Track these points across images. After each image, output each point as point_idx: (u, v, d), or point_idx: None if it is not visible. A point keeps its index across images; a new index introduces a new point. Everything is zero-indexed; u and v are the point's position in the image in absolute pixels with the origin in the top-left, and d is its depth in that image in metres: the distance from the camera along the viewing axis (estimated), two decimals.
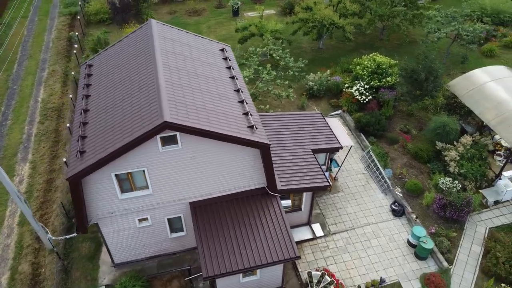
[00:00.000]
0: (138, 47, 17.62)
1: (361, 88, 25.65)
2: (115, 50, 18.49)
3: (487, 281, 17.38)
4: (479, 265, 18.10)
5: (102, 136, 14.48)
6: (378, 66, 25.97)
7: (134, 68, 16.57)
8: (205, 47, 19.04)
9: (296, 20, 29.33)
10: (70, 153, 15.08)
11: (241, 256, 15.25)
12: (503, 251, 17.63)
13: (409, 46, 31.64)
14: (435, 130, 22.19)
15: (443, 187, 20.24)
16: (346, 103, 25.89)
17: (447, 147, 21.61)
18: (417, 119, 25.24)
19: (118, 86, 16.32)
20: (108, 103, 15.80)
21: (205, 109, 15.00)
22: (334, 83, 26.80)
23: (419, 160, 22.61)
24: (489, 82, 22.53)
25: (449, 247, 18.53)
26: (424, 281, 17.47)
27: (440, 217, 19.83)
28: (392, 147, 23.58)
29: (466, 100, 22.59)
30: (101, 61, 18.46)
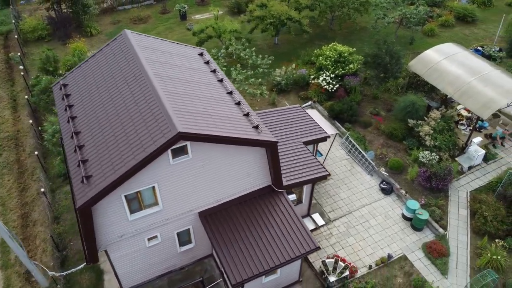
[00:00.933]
0: (119, 60, 16.74)
1: (327, 77, 26.48)
2: (91, 66, 17.39)
3: (480, 240, 18.91)
4: (470, 226, 19.62)
5: (107, 157, 13.62)
6: (340, 55, 26.96)
7: (122, 82, 15.73)
8: (185, 53, 18.55)
9: (252, 18, 29.51)
10: (73, 179, 13.93)
11: (264, 257, 15.18)
12: (489, 210, 19.27)
13: (359, 33, 33.21)
14: (405, 108, 23.56)
15: (424, 160, 21.62)
16: (315, 94, 26.58)
17: (419, 123, 23.06)
18: (382, 101, 26.61)
19: (107, 102, 15.39)
20: (102, 121, 14.87)
21: (209, 115, 14.68)
22: (300, 76, 27.39)
23: (394, 139, 23.89)
24: (444, 59, 24.35)
25: (441, 214, 19.88)
26: (426, 250, 18.59)
27: (425, 188, 21.15)
28: (367, 130, 24.67)
29: (427, 77, 24.25)
30: (77, 80, 17.27)
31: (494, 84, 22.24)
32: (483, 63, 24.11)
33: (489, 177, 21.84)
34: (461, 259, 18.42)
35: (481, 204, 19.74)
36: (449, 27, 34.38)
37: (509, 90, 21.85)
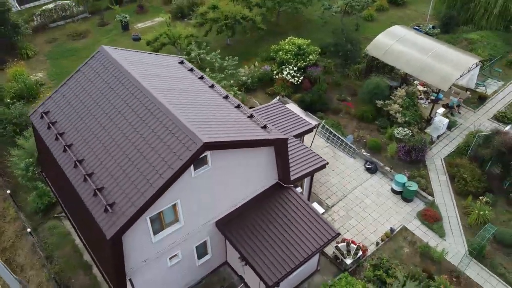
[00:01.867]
0: (106, 78, 15.79)
1: (291, 71, 27.13)
2: (73, 89, 16.18)
3: (464, 200, 20.77)
4: (452, 189, 21.42)
5: (126, 180, 12.88)
6: (299, 48, 27.73)
7: (119, 101, 14.89)
8: (168, 64, 17.98)
9: (205, 21, 29.24)
10: (93, 213, 12.95)
11: (291, 253, 15.39)
12: (467, 172, 21.19)
13: (307, 25, 34.33)
14: (372, 91, 24.96)
15: (400, 136, 23.14)
16: (282, 89, 27.09)
17: (387, 103, 24.58)
18: (345, 87, 27.86)
19: (108, 125, 14.49)
20: (108, 145, 13.99)
21: (220, 122, 14.50)
22: (264, 73, 27.72)
23: (366, 121, 25.21)
24: (396, 41, 26.12)
25: (426, 183, 21.47)
26: (422, 217, 20.01)
27: (405, 162, 22.65)
28: (339, 117, 25.75)
29: (386, 59, 25.89)
30: (60, 105, 15.98)
31: (446, 58, 24.37)
32: (430, 40, 26.28)
33: (456, 143, 23.96)
34: (452, 220, 20.09)
35: (458, 168, 21.63)
36: (384, 11, 36.79)
37: (459, 63, 24.07)
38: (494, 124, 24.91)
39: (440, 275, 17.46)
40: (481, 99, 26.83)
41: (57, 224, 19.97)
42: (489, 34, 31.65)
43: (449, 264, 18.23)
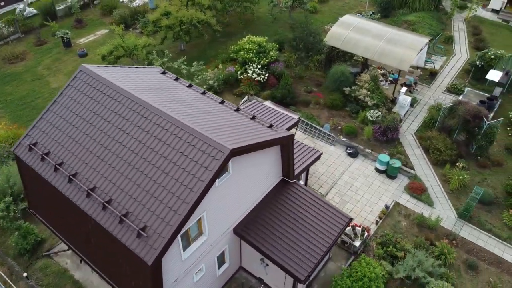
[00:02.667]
0: (96, 97, 14.82)
1: (256, 69, 27.33)
2: (60, 114, 14.97)
3: (442, 169, 22.45)
4: (429, 161, 23.04)
5: (153, 201, 12.28)
6: (259, 46, 28.01)
7: (117, 118, 14.07)
8: (153, 75, 17.29)
9: (159, 29, 28.42)
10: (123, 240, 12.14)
11: (313, 245, 15.65)
12: (439, 143, 22.91)
13: (257, 23, 34.67)
14: (338, 79, 25.96)
15: (372, 119, 24.37)
16: (249, 88, 27.20)
17: (354, 88, 25.73)
18: (308, 79, 28.66)
19: (112, 144, 13.66)
20: (119, 167, 13.19)
21: (230, 127, 14.32)
22: (230, 74, 27.61)
23: (336, 108, 26.18)
24: (351, 29, 27.37)
25: (405, 159, 22.88)
26: (410, 191, 21.33)
27: (382, 142, 23.92)
28: (310, 108, 26.45)
29: (345, 48, 27.05)
30: (49, 133, 14.72)
31: (400, 41, 26.04)
32: (381, 26, 27.91)
33: (421, 118, 25.78)
34: (436, 188, 21.65)
35: (430, 140, 23.31)
36: (325, 2, 38.26)
37: (412, 44, 25.83)
38: (448, 96, 27.18)
39: (440, 241, 18.81)
40: (432, 74, 29.05)
41: (48, 262, 18.38)
42: (423, 15, 34.27)
43: (444, 229, 19.67)
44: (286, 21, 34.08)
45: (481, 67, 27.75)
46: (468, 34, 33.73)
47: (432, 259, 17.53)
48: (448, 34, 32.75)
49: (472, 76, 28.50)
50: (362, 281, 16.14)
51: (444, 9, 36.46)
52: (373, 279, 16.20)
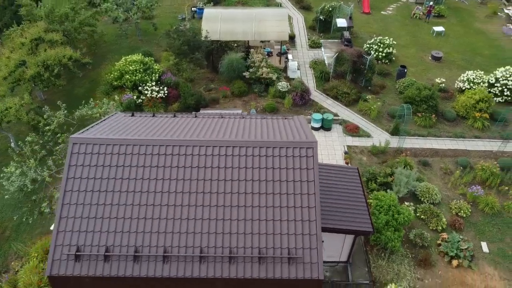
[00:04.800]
0: (115, 163, 12.32)
1: (153, 87, 25.72)
2: (78, 202, 11.85)
3: (356, 106, 26.61)
4: (343, 104, 26.82)
5: (270, 226, 11.63)
6: (143, 63, 26.26)
7: (163, 171, 12.23)
8: (137, 120, 15.01)
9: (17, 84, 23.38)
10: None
11: (354, 201, 17.23)
12: (344, 87, 26.87)
13: (107, 43, 31.63)
14: (235, 67, 26.85)
15: (284, 89, 26.56)
16: (155, 108, 25.51)
17: (253, 71, 27.19)
18: (200, 79, 28.56)
19: (172, 199, 11.94)
20: (206, 215, 11.76)
21: (277, 131, 14.24)
22: (129, 101, 25.10)
23: (244, 94, 27.24)
24: (221, 21, 28.16)
25: (326, 111, 26.13)
26: (349, 132, 24.74)
27: (301, 106, 26.48)
28: (222, 103, 26.75)
29: (225, 38, 27.94)
30: (84, 229, 11.59)
31: (267, 17, 28.53)
32: (240, 10, 29.80)
33: (310, 76, 29.32)
34: (363, 122, 25.70)
35: (336, 88, 27.08)
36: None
37: (279, 16, 28.69)
38: (313, 51, 31.56)
39: (399, 156, 22.96)
40: (291, 38, 32.83)
41: None
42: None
43: (391, 148, 23.88)
44: (135, 35, 32.36)
45: (324, 20, 32.95)
46: None
47: (409, 170, 21.44)
48: (278, 2, 37.06)
49: (319, 30, 33.56)
50: (390, 210, 18.67)
51: None
52: (395, 205, 18.94)
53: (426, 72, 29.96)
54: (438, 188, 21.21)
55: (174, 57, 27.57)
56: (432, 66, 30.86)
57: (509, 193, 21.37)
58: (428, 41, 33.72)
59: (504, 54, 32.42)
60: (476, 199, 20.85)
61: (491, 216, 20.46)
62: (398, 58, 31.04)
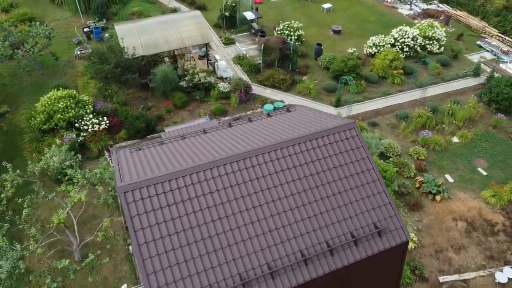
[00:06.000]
0: (173, 196, 11.38)
1: (92, 120, 23.29)
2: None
3: (295, 90, 28.01)
4: (282, 90, 27.95)
5: (354, 206, 12.22)
6: (71, 97, 23.52)
7: (231, 190, 11.77)
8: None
9: None
10: None
11: None
12: (279, 75, 27.97)
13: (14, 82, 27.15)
14: (170, 80, 25.73)
15: (226, 90, 26.55)
16: (102, 142, 23.15)
17: (187, 79, 26.45)
18: (132, 101, 26.64)
19: (248, 215, 11.68)
20: (285, 217, 11.75)
21: (309, 122, 14.58)
22: (73, 142, 22.20)
23: (186, 104, 26.35)
24: (138, 34, 26.44)
25: (273, 101, 27.01)
26: None
27: (246, 101, 26.80)
28: (167, 117, 25.54)
29: (150, 51, 26.43)
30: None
31: (183, 22, 27.82)
32: (153, 20, 28.51)
33: (239, 71, 29.69)
34: (306, 103, 27.25)
35: (271, 77, 28.00)
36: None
37: (195, 18, 28.22)
38: (229, 47, 31.94)
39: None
40: None
41: None
42: (140, 3, 35.87)
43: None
44: (35, 70, 28.41)
45: (229, 16, 33.42)
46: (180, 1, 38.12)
47: (371, 133, 23.70)
48: (172, 8, 36.08)
49: (226, 26, 33.93)
50: None
51: None
52: (379, 164, 20.89)
53: (334, 46, 32.83)
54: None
55: (99, 82, 25.23)
56: (336, 39, 33.94)
57: (445, 129, 25.26)
58: (322, 18, 36.82)
59: (385, 17, 37.29)
60: (426, 141, 24.16)
61: (441, 152, 24.01)
62: (306, 39, 33.30)
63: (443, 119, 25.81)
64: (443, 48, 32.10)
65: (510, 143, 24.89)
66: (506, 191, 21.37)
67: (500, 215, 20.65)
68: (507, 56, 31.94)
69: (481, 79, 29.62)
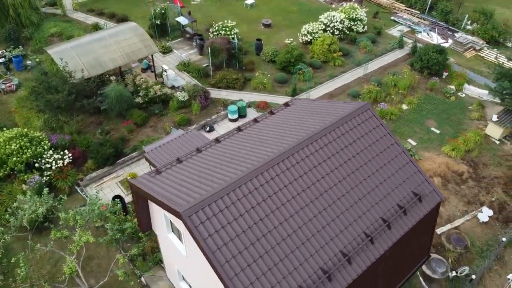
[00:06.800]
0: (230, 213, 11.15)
1: (53, 156, 21.12)
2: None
3: (250, 87, 28.25)
4: (237, 89, 28.00)
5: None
6: (24, 135, 21.03)
7: (288, 191, 11.86)
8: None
9: None
10: None
11: None
12: (231, 74, 27.92)
13: None
14: (122, 98, 24.24)
15: (183, 98, 25.83)
16: (71, 178, 21.14)
17: (144, 94, 25.23)
18: (84, 127, 24.62)
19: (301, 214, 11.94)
20: (335, 207, 12.23)
21: (323, 110, 14.99)
22: (39, 185, 19.91)
23: (146, 120, 25.05)
24: (77, 54, 24.47)
25: (228, 102, 26.95)
26: (261, 109, 26.46)
27: (206, 107, 26.38)
28: (131, 138, 24.14)
29: (94, 72, 24.58)
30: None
31: (122, 35, 26.48)
32: (90, 36, 26.72)
33: (187, 77, 28.98)
34: (264, 97, 27.69)
35: (225, 79, 27.87)
36: None
37: (134, 29, 26.93)
38: (169, 55, 31.02)
39: None
40: None
41: None
42: (57, 24, 32.98)
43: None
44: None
45: (160, 24, 32.35)
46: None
47: None
48: (93, 24, 33.72)
49: (159, 35, 32.78)
50: None
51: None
52: None
53: (269, 39, 33.60)
54: None
55: (44, 114, 22.93)
56: (268, 32, 34.80)
57: (394, 99, 27.63)
58: (248, 14, 37.40)
59: (305, 6, 39.13)
60: (384, 114, 26.18)
61: (397, 120, 26.27)
62: (242, 36, 33.61)
63: (389, 90, 28.18)
64: (366, 27, 34.81)
65: (447, 101, 28.15)
66: (460, 143, 24.21)
67: (463, 165, 23.39)
68: (419, 26, 35.75)
69: (406, 50, 32.82)
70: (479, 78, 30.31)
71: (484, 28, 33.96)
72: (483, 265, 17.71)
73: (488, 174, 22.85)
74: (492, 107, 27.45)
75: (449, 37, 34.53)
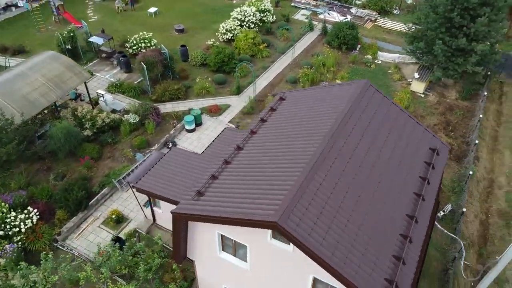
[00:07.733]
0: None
1: (19, 217, 18.21)
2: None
3: (194, 96, 27.62)
4: (184, 99, 27.16)
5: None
6: None
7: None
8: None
9: None
10: None
11: None
12: (172, 86, 26.96)
13: None
14: (75, 133, 21.92)
15: (135, 120, 24.31)
16: (46, 235, 18.55)
17: (91, 125, 23.00)
18: (29, 176, 21.57)
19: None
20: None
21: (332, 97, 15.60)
22: (17, 254, 17.10)
23: (102, 152, 23.05)
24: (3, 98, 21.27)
25: (178, 114, 26.07)
26: (214, 113, 26.23)
27: (159, 123, 25.13)
28: (90, 174, 21.99)
29: (30, 112, 21.55)
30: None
31: (46, 69, 23.56)
32: (4, 75, 23.07)
33: (124, 98, 27.07)
34: (212, 101, 27.39)
35: (166, 91, 26.76)
36: None
37: (51, 60, 24.10)
38: (92, 80, 28.59)
39: (265, 101, 26.84)
40: None
41: None
42: None
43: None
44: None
45: (71, 49, 29.47)
46: None
47: None
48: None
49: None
50: None
51: None
52: None
53: (189, 43, 32.81)
54: None
55: None
56: (184, 37, 34.08)
57: (328, 77, 29.66)
58: (154, 23, 36.00)
59: (209, 6, 39.05)
60: None
61: None
62: (159, 45, 32.39)
63: (320, 70, 30.15)
64: (275, 17, 36.39)
65: (370, 69, 31.23)
66: (398, 102, 27.16)
67: None
68: (319, 8, 38.61)
69: (316, 31, 35.26)
70: (385, 44, 34.16)
71: (374, 1, 38.16)
72: (464, 198, 20.59)
73: (428, 124, 26.24)
74: (406, 66, 31.32)
75: (347, 13, 38.00)
